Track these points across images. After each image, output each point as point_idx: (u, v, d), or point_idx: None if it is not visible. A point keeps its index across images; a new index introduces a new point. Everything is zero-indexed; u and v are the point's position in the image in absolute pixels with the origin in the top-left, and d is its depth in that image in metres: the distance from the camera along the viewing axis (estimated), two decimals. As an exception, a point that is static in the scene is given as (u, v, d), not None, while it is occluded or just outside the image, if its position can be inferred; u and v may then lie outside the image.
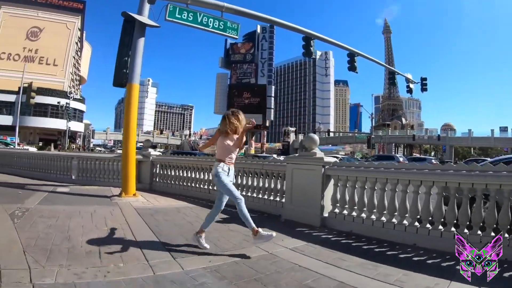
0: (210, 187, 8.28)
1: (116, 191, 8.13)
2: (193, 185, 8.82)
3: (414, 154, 70.15)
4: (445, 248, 4.05)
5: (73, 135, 60.89)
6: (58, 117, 56.12)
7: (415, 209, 4.62)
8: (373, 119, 61.00)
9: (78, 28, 67.70)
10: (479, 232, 4.09)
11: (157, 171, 10.12)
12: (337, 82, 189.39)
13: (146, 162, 10.29)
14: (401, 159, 27.23)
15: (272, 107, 74.99)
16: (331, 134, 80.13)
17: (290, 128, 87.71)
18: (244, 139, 4.33)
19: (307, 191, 5.71)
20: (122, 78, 8.19)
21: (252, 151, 59.22)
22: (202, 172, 8.67)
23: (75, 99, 58.71)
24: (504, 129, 65.87)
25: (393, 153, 59.37)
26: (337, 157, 16.92)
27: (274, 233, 4.00)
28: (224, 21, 9.74)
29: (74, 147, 55.96)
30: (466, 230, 4.17)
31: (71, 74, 67.20)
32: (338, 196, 5.48)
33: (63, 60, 63.94)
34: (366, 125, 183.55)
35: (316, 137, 5.86)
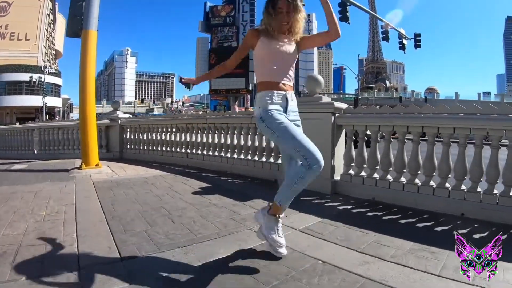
0: (188, 151, 6.98)
1: (79, 163, 6.77)
2: (168, 149, 7.52)
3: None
4: (505, 220, 2.94)
5: (51, 111, 57.96)
6: (34, 93, 52.90)
7: (461, 167, 3.36)
8: (358, 81, 59.69)
9: (49, -1, 63.23)
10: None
11: (128, 137, 8.72)
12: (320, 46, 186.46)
13: (114, 127, 8.88)
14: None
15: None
16: (317, 97, 78.73)
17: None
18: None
19: (312, 148, 4.35)
20: (77, 25, 6.79)
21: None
22: (178, 133, 7.40)
23: (50, 73, 55.66)
24: (486, 94, 67.28)
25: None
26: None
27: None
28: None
29: None
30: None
31: (45, 48, 63.46)
32: (354, 153, 4.18)
33: (35, 34, 60.24)
34: (349, 88, 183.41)
35: (320, 77, 4.40)
